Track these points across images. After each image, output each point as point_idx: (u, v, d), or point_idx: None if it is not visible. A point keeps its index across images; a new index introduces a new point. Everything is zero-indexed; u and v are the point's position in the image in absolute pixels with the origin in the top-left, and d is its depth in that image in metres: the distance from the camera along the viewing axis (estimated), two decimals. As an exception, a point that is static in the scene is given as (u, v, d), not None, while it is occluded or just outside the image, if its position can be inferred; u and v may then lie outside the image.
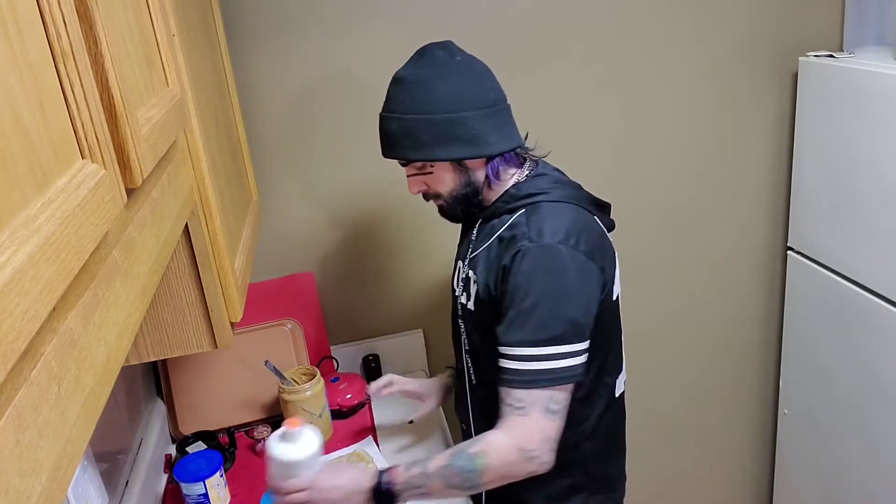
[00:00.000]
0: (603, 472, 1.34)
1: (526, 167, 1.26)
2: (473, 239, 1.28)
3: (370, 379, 1.87)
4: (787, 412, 2.18)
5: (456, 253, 1.37)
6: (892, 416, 1.72)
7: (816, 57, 1.81)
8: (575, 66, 1.83)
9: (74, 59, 0.53)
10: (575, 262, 1.13)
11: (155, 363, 1.71)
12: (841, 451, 1.93)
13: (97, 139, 0.56)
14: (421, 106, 1.15)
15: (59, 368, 0.45)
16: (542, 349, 1.11)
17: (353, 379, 1.79)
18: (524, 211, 1.19)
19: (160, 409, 1.71)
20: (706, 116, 1.94)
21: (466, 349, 1.33)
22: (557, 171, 1.30)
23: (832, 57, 1.78)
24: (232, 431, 1.67)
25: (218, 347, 1.09)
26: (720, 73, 1.90)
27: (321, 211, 1.83)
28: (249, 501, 1.50)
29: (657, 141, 1.94)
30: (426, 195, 1.27)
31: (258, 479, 1.54)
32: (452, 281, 1.36)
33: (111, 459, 1.36)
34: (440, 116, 1.15)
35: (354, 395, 1.75)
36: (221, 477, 1.46)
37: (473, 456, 1.14)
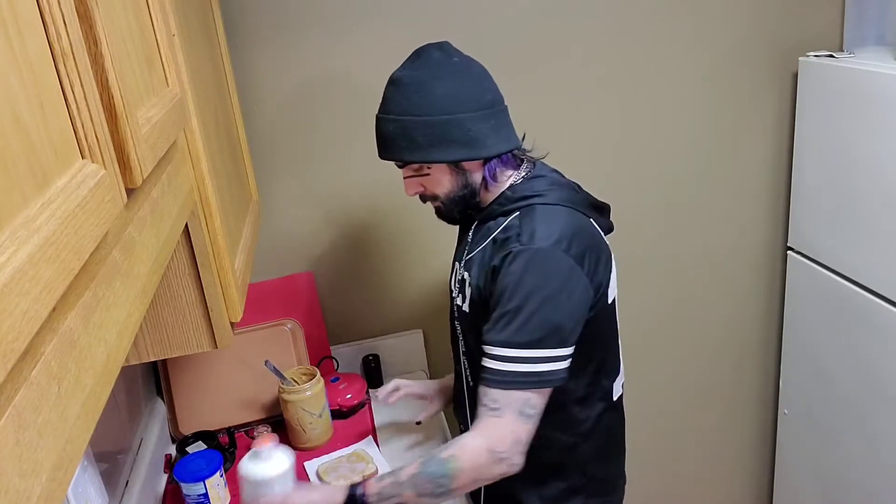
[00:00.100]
0: (601, 474, 1.33)
1: (523, 168, 1.25)
2: (469, 241, 1.28)
3: (370, 379, 1.88)
4: (787, 412, 2.18)
5: (453, 254, 1.37)
6: (892, 416, 1.72)
7: (816, 57, 1.81)
8: (575, 66, 1.83)
9: (74, 59, 0.53)
10: (564, 267, 1.12)
11: (155, 363, 1.71)
12: (841, 451, 1.93)
13: (97, 139, 0.56)
14: (417, 107, 1.14)
15: (59, 368, 0.45)
16: (521, 351, 1.11)
17: (353, 379, 1.79)
18: (518, 213, 1.19)
19: (160, 409, 1.71)
20: (706, 116, 1.94)
21: (463, 351, 1.33)
22: (556, 172, 1.29)
23: (832, 57, 1.78)
24: (232, 431, 1.66)
25: (218, 347, 1.09)
26: (720, 73, 1.90)
27: (321, 211, 1.83)
28: (249, 501, 1.50)
29: (657, 141, 1.94)
30: (423, 197, 1.26)
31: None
32: (450, 282, 1.36)
33: (111, 459, 1.36)
34: (437, 118, 1.14)
35: (354, 395, 1.75)
36: (221, 477, 1.46)
37: (444, 461, 1.13)
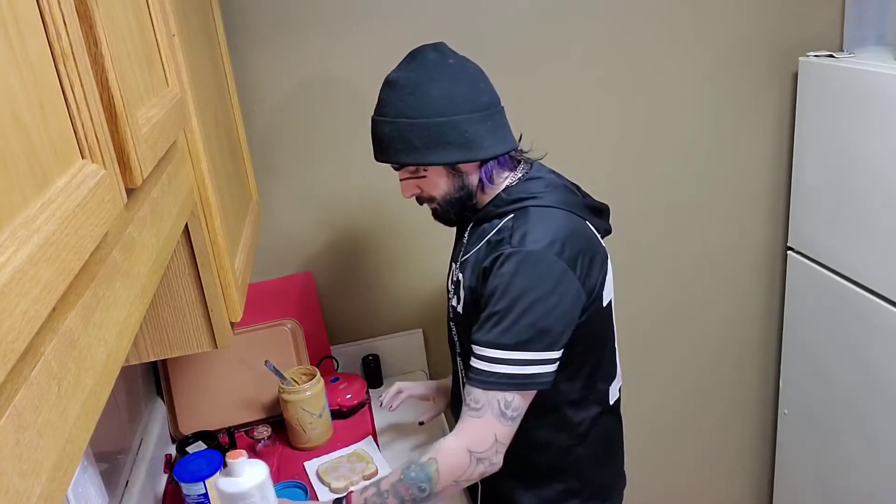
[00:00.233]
0: (597, 478, 1.32)
1: (520, 169, 1.24)
2: (465, 242, 1.27)
3: (370, 379, 1.88)
4: (787, 412, 2.18)
5: (450, 255, 1.37)
6: (892, 416, 1.72)
7: (816, 57, 1.81)
8: (575, 66, 1.83)
9: (74, 59, 0.53)
10: (555, 270, 1.11)
11: (155, 363, 1.71)
12: (841, 451, 1.93)
13: (97, 139, 0.56)
14: (413, 110, 1.13)
15: (59, 368, 0.45)
16: (505, 353, 1.11)
17: (353, 379, 1.79)
18: (512, 215, 1.18)
19: (160, 409, 1.71)
20: (706, 116, 1.94)
21: (458, 352, 1.33)
22: (553, 173, 1.27)
23: (832, 57, 1.78)
24: (232, 431, 1.66)
25: (218, 347, 1.09)
26: (720, 73, 1.90)
27: (321, 211, 1.83)
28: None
29: (657, 141, 1.94)
30: (419, 199, 1.26)
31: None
32: (447, 283, 1.36)
33: (111, 459, 1.36)
34: (433, 120, 1.12)
35: (354, 395, 1.75)
36: (221, 477, 1.46)
37: (425, 465, 1.13)
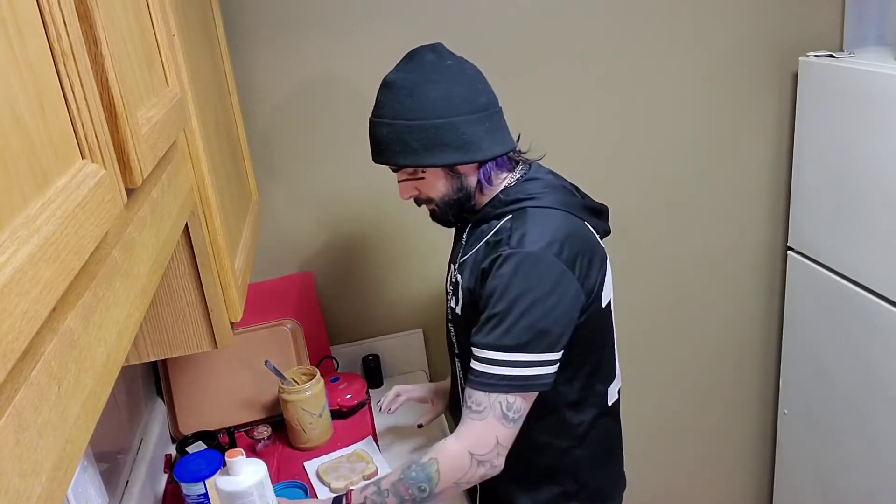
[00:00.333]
0: (595, 481, 1.31)
1: (518, 170, 1.23)
2: (464, 243, 1.27)
3: (370, 379, 1.88)
4: (787, 412, 2.18)
5: (449, 256, 1.36)
6: (892, 416, 1.72)
7: (816, 57, 1.81)
8: (575, 66, 1.83)
9: (74, 59, 0.53)
10: (554, 271, 1.11)
11: (155, 363, 1.71)
12: (841, 451, 1.93)
13: (97, 139, 0.56)
14: (411, 111, 1.13)
15: (59, 368, 0.45)
16: (505, 355, 1.10)
17: (353, 379, 1.79)
18: (511, 216, 1.18)
19: (160, 409, 1.71)
20: (706, 116, 1.94)
21: (456, 353, 1.33)
22: (552, 173, 1.27)
23: (832, 57, 1.78)
24: (232, 431, 1.66)
25: (218, 347, 1.09)
26: (720, 73, 1.90)
27: (321, 211, 1.83)
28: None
29: (657, 141, 1.94)
30: (418, 200, 1.25)
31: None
32: (445, 284, 1.35)
33: (111, 459, 1.36)
34: (430, 122, 1.12)
35: (354, 395, 1.75)
36: (221, 477, 1.46)
37: (425, 465, 1.13)
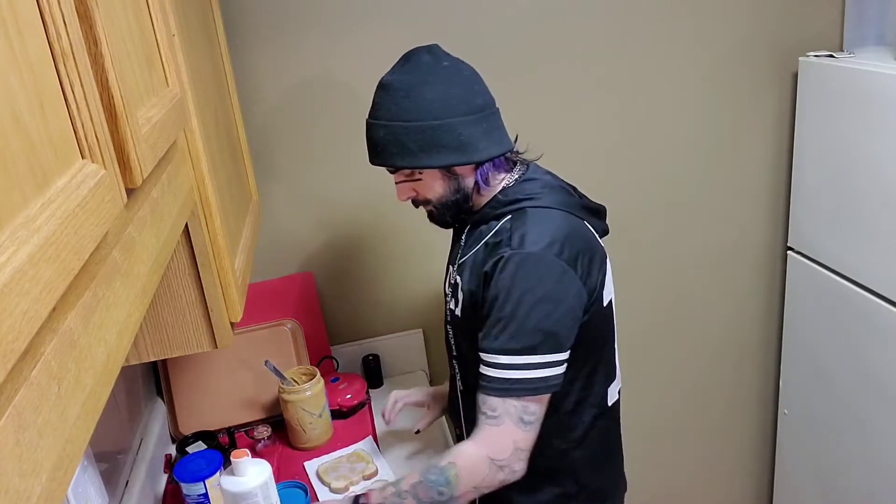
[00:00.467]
0: (595, 482, 1.31)
1: (516, 171, 1.23)
2: (462, 244, 1.27)
3: (370, 379, 1.88)
4: (787, 412, 2.18)
5: (448, 258, 1.36)
6: (892, 416, 1.72)
7: (816, 57, 1.81)
8: (575, 66, 1.83)
9: (74, 59, 0.53)
10: (556, 271, 1.10)
11: (155, 363, 1.71)
12: (841, 451, 1.93)
13: (97, 139, 0.56)
14: (407, 113, 1.13)
15: (59, 368, 0.45)
16: (516, 358, 1.10)
17: (353, 379, 1.79)
18: (510, 217, 1.17)
19: (160, 409, 1.71)
20: (706, 116, 1.94)
21: (454, 355, 1.32)
22: (549, 174, 1.27)
23: (832, 57, 1.78)
24: (232, 431, 1.67)
25: (218, 347, 1.09)
26: (720, 73, 1.90)
27: (321, 211, 1.83)
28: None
29: (657, 141, 1.94)
30: (415, 202, 1.25)
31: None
32: (444, 286, 1.35)
33: (111, 459, 1.36)
34: (427, 123, 1.12)
35: (354, 395, 1.75)
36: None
37: (444, 468, 1.13)
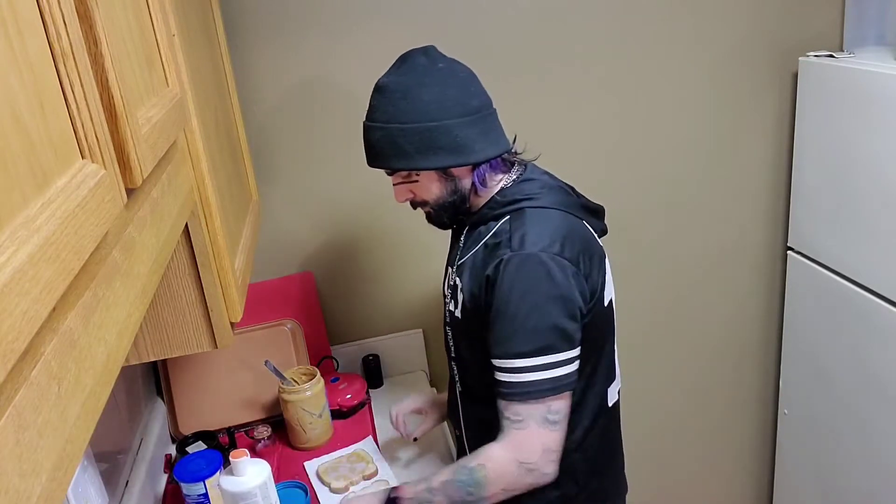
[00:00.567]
0: (595, 483, 1.30)
1: (514, 172, 1.23)
2: (461, 246, 1.27)
3: (370, 379, 1.88)
4: (787, 412, 2.18)
5: (446, 259, 1.36)
6: (892, 416, 1.72)
7: (816, 57, 1.81)
8: (575, 66, 1.83)
9: (74, 59, 0.53)
10: (558, 269, 1.11)
11: (155, 363, 1.71)
12: (841, 451, 1.93)
13: (97, 139, 0.56)
14: (403, 115, 1.13)
15: (59, 368, 0.45)
16: (531, 360, 1.10)
17: (353, 379, 1.79)
18: (508, 217, 1.18)
19: (160, 409, 1.71)
20: (706, 116, 1.94)
21: (453, 356, 1.32)
22: (547, 174, 1.27)
23: (832, 57, 1.78)
24: (232, 431, 1.67)
25: (218, 347, 1.09)
26: (720, 73, 1.90)
27: (321, 211, 1.83)
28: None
29: (657, 141, 1.94)
30: (413, 203, 1.25)
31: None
32: (443, 287, 1.35)
33: (111, 459, 1.36)
34: (423, 125, 1.12)
35: (354, 395, 1.75)
36: (221, 477, 1.46)
37: (474, 469, 1.14)
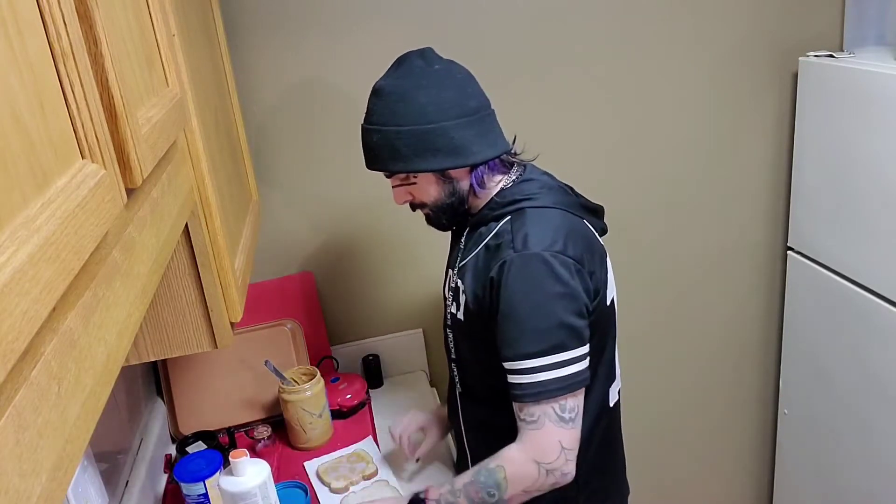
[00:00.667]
0: (597, 484, 1.30)
1: (513, 172, 1.23)
2: (462, 247, 1.26)
3: (370, 379, 1.88)
4: (787, 412, 2.18)
5: (447, 261, 1.36)
6: (892, 416, 1.72)
7: (816, 57, 1.81)
8: (575, 66, 1.83)
9: (74, 59, 0.53)
10: (562, 267, 1.11)
11: (155, 363, 1.71)
12: (841, 451, 1.93)
13: (97, 139, 0.56)
14: (400, 117, 1.13)
15: (59, 368, 0.45)
16: (542, 360, 1.10)
17: (353, 379, 1.79)
18: (509, 218, 1.17)
19: (160, 409, 1.71)
20: (706, 116, 1.94)
21: (453, 358, 1.32)
22: (546, 174, 1.27)
23: (832, 57, 1.78)
24: (232, 431, 1.67)
25: (218, 347, 1.09)
26: (720, 73, 1.90)
27: (321, 211, 1.82)
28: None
29: (657, 141, 1.94)
30: (412, 205, 1.26)
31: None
32: (443, 289, 1.34)
33: (111, 459, 1.36)
34: (420, 128, 1.12)
35: (354, 395, 1.75)
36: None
37: (493, 471, 1.14)
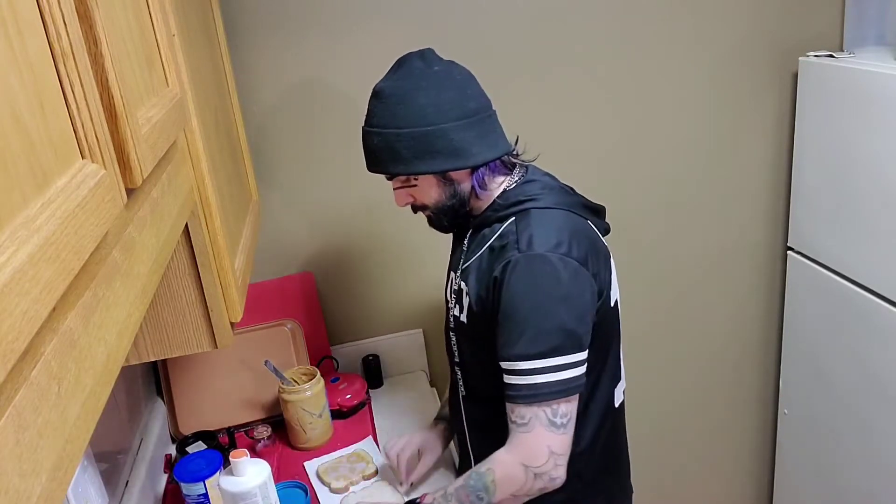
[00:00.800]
0: (602, 486, 1.30)
1: (515, 173, 1.23)
2: (465, 249, 1.26)
3: (370, 379, 1.88)
4: (787, 412, 2.18)
5: (448, 263, 1.35)
6: (892, 416, 1.72)
7: (816, 57, 1.81)
8: (575, 66, 1.83)
9: (74, 59, 0.53)
10: (567, 270, 1.10)
11: (155, 363, 1.71)
12: (841, 451, 1.93)
13: (97, 139, 0.56)
14: (400, 120, 1.13)
15: (59, 368, 0.45)
16: (538, 362, 1.10)
17: (353, 379, 1.79)
18: (514, 219, 1.17)
19: (160, 409, 1.71)
20: (706, 116, 1.94)
21: (456, 361, 1.32)
22: (548, 175, 1.27)
23: (832, 57, 1.78)
24: (232, 431, 1.67)
25: (218, 347, 1.09)
26: (720, 73, 1.90)
27: (321, 211, 1.82)
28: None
29: (657, 141, 1.94)
30: (413, 207, 1.25)
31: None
32: (445, 292, 1.34)
33: (111, 459, 1.36)
34: (420, 129, 1.12)
35: (354, 395, 1.75)
36: (221, 477, 1.46)
37: (482, 474, 1.14)
